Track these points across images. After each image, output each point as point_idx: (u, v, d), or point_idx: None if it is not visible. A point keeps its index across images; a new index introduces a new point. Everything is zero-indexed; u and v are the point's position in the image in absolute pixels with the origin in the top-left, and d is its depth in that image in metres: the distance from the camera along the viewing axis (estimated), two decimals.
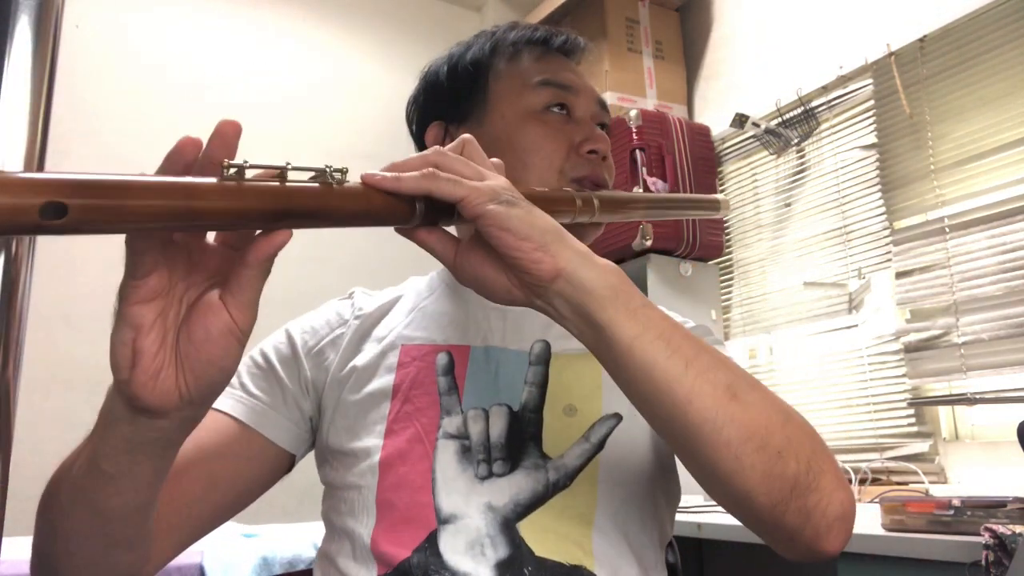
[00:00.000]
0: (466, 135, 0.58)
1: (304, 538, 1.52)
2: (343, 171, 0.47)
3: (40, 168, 0.67)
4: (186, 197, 0.39)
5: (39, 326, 1.74)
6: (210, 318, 0.45)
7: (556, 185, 0.75)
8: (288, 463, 0.75)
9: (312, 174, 0.46)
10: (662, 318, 0.53)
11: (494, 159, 0.58)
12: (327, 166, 0.46)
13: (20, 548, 1.14)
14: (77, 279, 2.10)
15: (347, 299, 0.82)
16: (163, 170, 0.42)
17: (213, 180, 0.41)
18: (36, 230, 0.34)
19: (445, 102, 0.82)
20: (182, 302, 0.46)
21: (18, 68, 0.61)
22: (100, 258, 2.14)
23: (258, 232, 0.45)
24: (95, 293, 2.11)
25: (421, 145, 0.84)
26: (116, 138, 2.24)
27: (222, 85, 2.47)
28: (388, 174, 0.50)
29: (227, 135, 0.43)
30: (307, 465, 0.80)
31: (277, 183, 0.44)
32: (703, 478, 0.55)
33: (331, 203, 0.46)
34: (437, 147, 0.54)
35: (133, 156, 2.27)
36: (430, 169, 0.51)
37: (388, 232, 0.54)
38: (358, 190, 0.48)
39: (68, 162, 2.15)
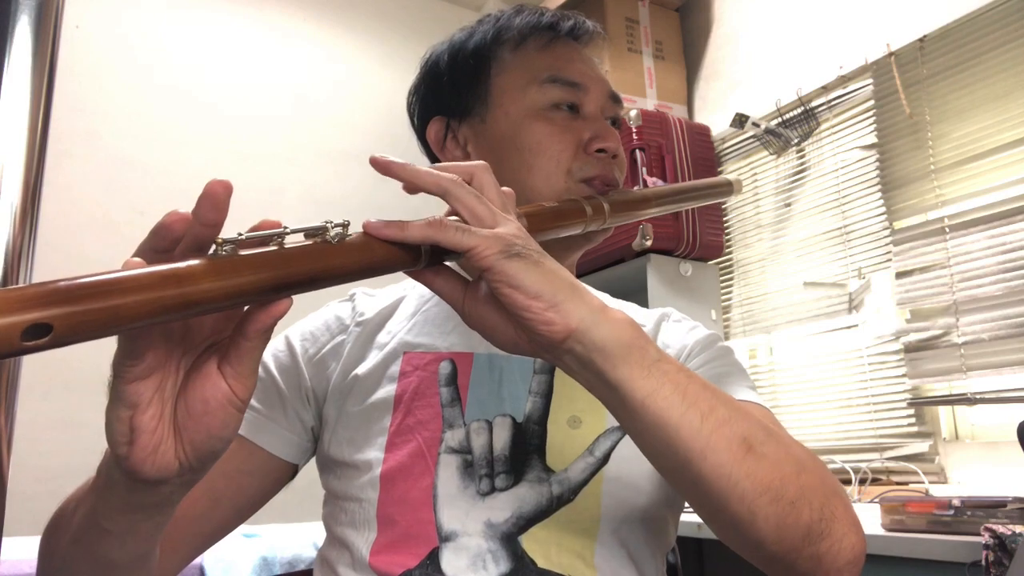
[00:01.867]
0: (480, 163, 0.54)
1: (304, 538, 1.52)
2: (344, 225, 0.45)
3: (40, 169, 0.67)
4: (178, 285, 0.37)
5: None
6: (208, 389, 0.43)
7: (564, 187, 0.72)
8: (290, 473, 0.75)
9: (311, 231, 0.44)
10: (677, 371, 0.51)
11: (505, 188, 0.55)
12: (327, 222, 0.44)
13: (20, 548, 1.14)
14: None
15: (347, 301, 0.80)
16: (148, 246, 0.40)
17: (205, 260, 0.38)
18: (17, 353, 0.32)
19: (446, 95, 0.79)
20: (179, 370, 0.44)
21: (18, 68, 0.61)
22: (101, 257, 2.14)
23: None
24: None
25: (423, 139, 0.82)
26: (116, 138, 2.24)
27: (222, 85, 2.46)
28: (392, 221, 0.47)
29: (218, 197, 0.40)
30: (307, 465, 0.80)
31: (275, 248, 0.41)
32: (714, 526, 0.54)
33: (332, 262, 0.44)
34: (451, 176, 0.51)
35: (133, 156, 2.27)
36: (437, 218, 0.49)
37: None
38: (359, 243, 0.46)
39: (68, 162, 2.15)
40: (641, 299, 2.20)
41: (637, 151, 2.23)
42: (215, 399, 0.43)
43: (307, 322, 0.79)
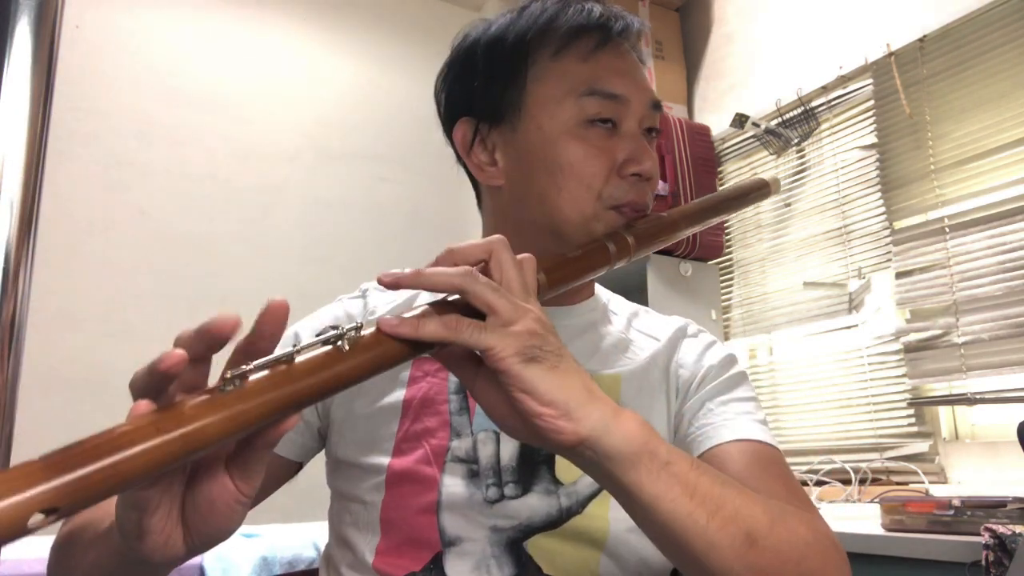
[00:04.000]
0: (497, 238, 0.52)
1: (304, 538, 1.52)
2: (358, 328, 0.45)
3: (40, 169, 0.67)
4: (183, 439, 0.37)
5: (39, 326, 1.74)
6: (215, 490, 0.44)
7: (592, 212, 0.69)
8: (294, 470, 0.75)
9: (324, 341, 0.44)
10: (688, 470, 0.51)
11: (524, 256, 0.53)
12: (340, 327, 0.44)
13: (20, 548, 1.14)
14: (77, 279, 2.10)
15: (359, 297, 0.79)
16: (145, 384, 0.39)
17: (209, 401, 0.39)
18: (22, 535, 0.33)
19: (478, 93, 0.74)
20: (186, 469, 0.45)
21: (18, 68, 0.61)
22: (101, 258, 2.14)
23: None
24: (95, 293, 2.11)
25: (448, 132, 0.78)
26: (116, 138, 2.24)
27: (222, 85, 2.46)
28: (408, 317, 0.47)
29: (224, 330, 0.40)
30: (308, 465, 0.80)
31: (283, 369, 0.42)
32: None
33: (342, 371, 0.44)
34: (467, 269, 0.50)
35: (133, 156, 2.27)
36: (453, 318, 0.48)
37: (392, 231, 0.53)
38: (371, 342, 0.46)
39: (68, 162, 2.15)
40: (641, 299, 2.20)
41: None
42: (221, 499, 0.44)
43: (316, 317, 0.78)
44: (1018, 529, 1.10)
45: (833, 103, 2.22)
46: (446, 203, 2.64)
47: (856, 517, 1.53)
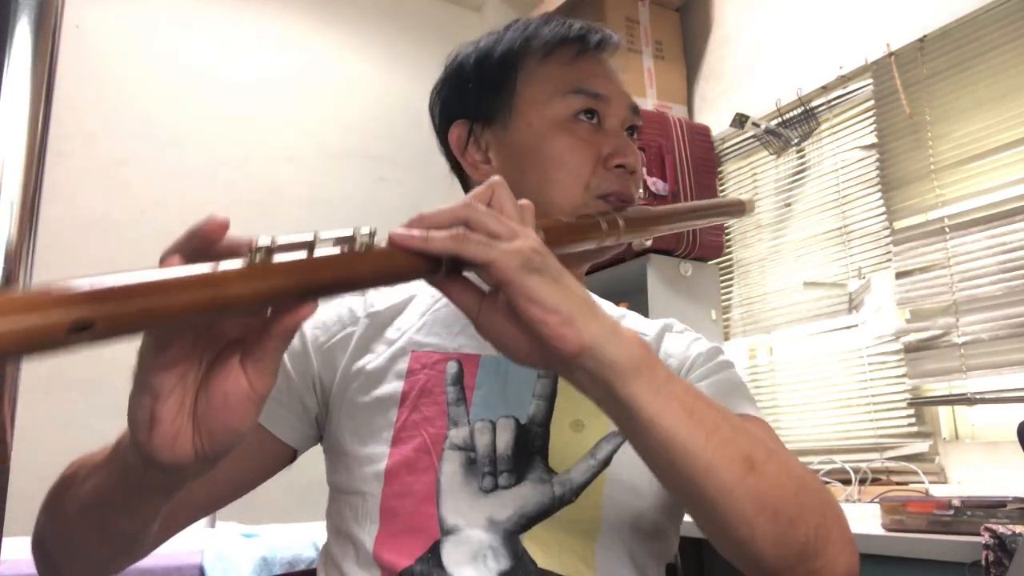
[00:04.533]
0: (496, 178, 0.55)
1: (304, 538, 1.52)
2: (372, 233, 0.47)
3: (40, 169, 0.67)
4: (213, 288, 0.39)
5: None
6: (230, 383, 0.45)
7: (581, 201, 0.73)
8: (289, 457, 0.76)
9: (340, 239, 0.46)
10: (685, 391, 0.53)
11: (523, 202, 0.56)
12: (355, 229, 0.46)
13: (20, 548, 1.14)
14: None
15: (359, 294, 0.81)
16: (185, 246, 0.41)
17: (240, 265, 0.40)
18: (62, 347, 0.34)
19: (471, 99, 0.79)
20: (202, 362, 0.45)
21: (18, 68, 0.61)
22: (101, 258, 2.14)
23: None
24: None
25: (443, 139, 0.82)
26: (116, 138, 2.24)
27: (221, 85, 2.47)
28: (416, 232, 0.49)
29: (214, 231, 0.42)
30: (307, 464, 0.80)
31: (304, 255, 0.43)
32: (715, 540, 0.56)
33: (357, 270, 0.46)
34: (468, 202, 0.52)
35: (133, 156, 2.27)
36: (460, 230, 0.49)
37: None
38: (384, 251, 0.48)
39: (68, 162, 2.15)
40: (641, 299, 2.20)
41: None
42: (235, 394, 0.45)
43: (320, 312, 0.79)
44: (1018, 529, 1.10)
45: (833, 103, 2.22)
46: (446, 203, 2.63)
47: (856, 517, 1.53)
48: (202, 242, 0.41)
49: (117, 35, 2.32)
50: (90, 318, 0.34)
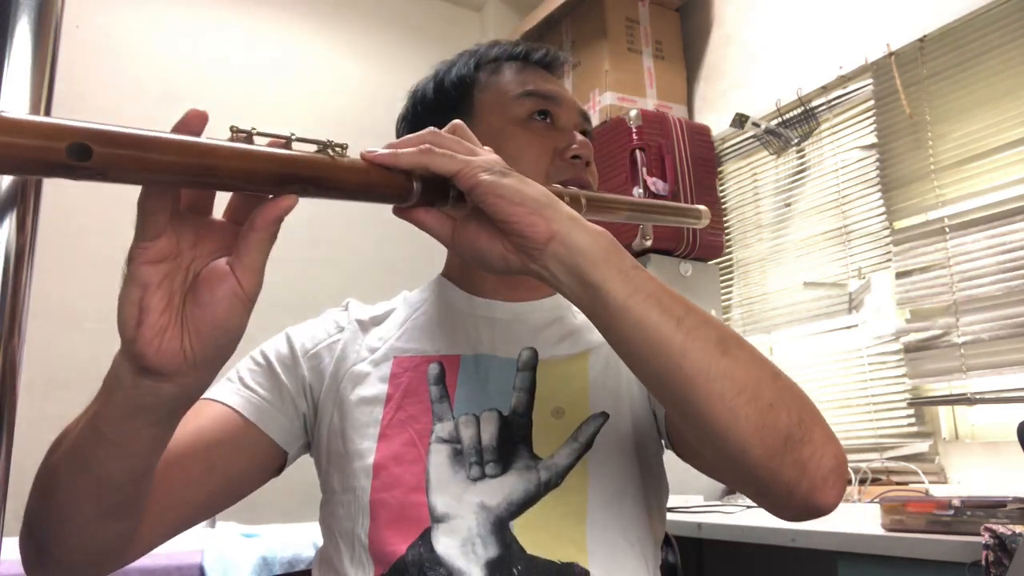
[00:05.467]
0: (456, 120, 0.59)
1: (304, 538, 1.52)
2: (343, 146, 0.49)
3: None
4: (201, 155, 0.41)
5: (39, 326, 1.74)
6: (215, 282, 0.46)
7: None
8: (280, 461, 0.76)
9: (315, 147, 0.48)
10: (651, 279, 0.55)
11: (485, 147, 0.59)
12: (328, 140, 0.48)
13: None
14: (77, 279, 2.10)
15: (343, 310, 0.85)
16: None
17: (224, 142, 0.43)
18: (61, 170, 0.36)
19: (434, 116, 0.83)
20: (188, 270, 0.47)
21: (18, 68, 0.61)
22: (100, 258, 2.14)
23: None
24: (95, 293, 2.11)
25: None
26: None
27: (221, 85, 2.47)
28: (386, 151, 0.52)
29: (195, 122, 0.46)
30: (308, 465, 0.81)
31: (283, 149, 0.46)
32: (699, 434, 0.56)
33: (333, 174, 0.48)
34: (431, 128, 0.56)
35: None
36: (426, 146, 0.53)
37: (388, 234, 0.55)
38: (358, 164, 0.50)
39: None
40: None
41: (637, 151, 2.23)
42: (221, 289, 0.46)
43: (307, 324, 0.83)
44: (1018, 529, 1.10)
45: (833, 103, 2.22)
46: None
47: (856, 517, 1.53)
48: (185, 131, 0.44)
49: (117, 35, 2.32)
50: (88, 147, 0.36)
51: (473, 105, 0.82)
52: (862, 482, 1.92)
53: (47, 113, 0.66)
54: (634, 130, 2.25)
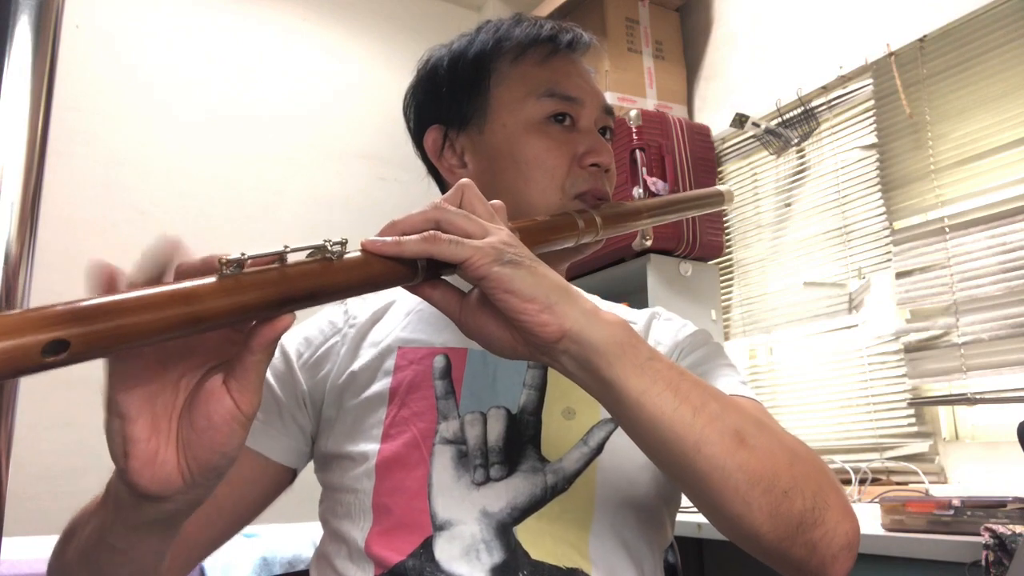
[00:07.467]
0: (464, 181, 0.56)
1: (304, 538, 1.52)
2: (343, 243, 0.47)
3: (40, 169, 0.67)
4: (186, 304, 0.39)
5: None
6: (212, 404, 0.44)
7: (558, 201, 0.73)
8: (289, 478, 0.75)
9: (310, 250, 0.45)
10: (669, 368, 0.53)
11: (495, 202, 0.56)
12: (326, 240, 0.46)
13: (20, 548, 1.14)
14: (77, 279, 2.09)
15: (339, 306, 0.82)
16: (144, 270, 0.41)
17: (212, 280, 0.40)
18: (37, 370, 0.34)
19: (444, 103, 0.79)
20: (179, 387, 0.45)
21: (18, 68, 0.61)
22: (100, 257, 2.14)
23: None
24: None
25: (419, 143, 0.83)
26: (116, 138, 2.24)
27: (222, 85, 2.46)
28: (388, 239, 0.49)
29: (166, 252, 0.42)
30: (307, 466, 0.80)
31: (276, 267, 0.43)
32: (711, 518, 0.56)
33: (333, 279, 0.46)
34: (436, 203, 0.53)
35: (133, 156, 2.27)
36: (431, 232, 0.49)
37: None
38: (358, 260, 0.47)
39: (68, 162, 2.14)
40: (641, 299, 2.20)
41: (637, 151, 2.23)
42: (219, 413, 0.44)
43: (300, 328, 0.80)
44: (1018, 529, 1.10)
45: (833, 103, 2.22)
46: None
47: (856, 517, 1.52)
48: (157, 263, 0.41)
49: (117, 35, 2.32)
50: (64, 338, 0.34)
51: (488, 98, 0.77)
52: (862, 482, 1.92)
53: (46, 113, 0.66)
54: (634, 130, 2.25)
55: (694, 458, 0.51)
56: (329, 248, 0.46)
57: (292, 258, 0.44)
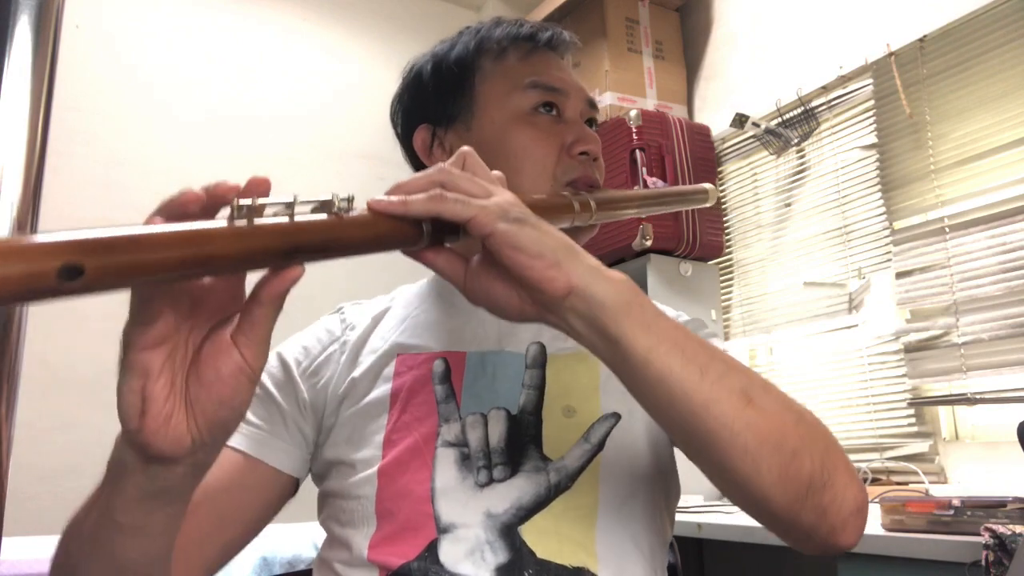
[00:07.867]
0: (465, 148, 0.56)
1: (304, 538, 1.52)
2: (350, 199, 0.47)
3: (40, 169, 0.67)
4: (199, 245, 0.39)
5: (39, 326, 1.74)
6: (220, 358, 0.44)
7: (549, 189, 0.74)
8: (293, 487, 0.75)
9: (319, 204, 0.46)
10: (675, 328, 0.53)
11: (495, 172, 0.56)
12: (334, 195, 0.46)
13: (20, 548, 1.14)
14: None
15: (336, 314, 0.82)
16: (163, 213, 0.41)
17: (224, 224, 0.41)
18: (53, 294, 0.34)
19: (431, 104, 0.80)
20: (188, 344, 0.45)
21: (18, 68, 0.61)
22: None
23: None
24: None
25: (408, 147, 0.83)
26: (116, 138, 2.24)
27: (222, 85, 2.46)
28: (395, 198, 0.49)
29: (259, 188, 0.43)
30: None
31: (287, 219, 0.43)
32: (719, 481, 0.56)
33: (341, 234, 0.46)
34: (440, 165, 0.53)
35: (133, 156, 2.27)
36: (437, 191, 0.50)
37: None
38: (366, 218, 0.48)
39: (68, 162, 2.15)
40: None
41: (637, 151, 2.23)
42: (226, 366, 0.44)
43: (298, 338, 0.80)
44: (1018, 529, 1.10)
45: (833, 103, 2.22)
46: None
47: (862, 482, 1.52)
48: (178, 211, 0.41)
49: (117, 35, 2.32)
50: (80, 264, 0.34)
51: (474, 95, 0.78)
52: (862, 482, 1.92)
53: (47, 113, 0.66)
54: (634, 130, 2.25)
55: (703, 417, 0.51)
56: (336, 203, 0.46)
57: (300, 209, 0.45)
